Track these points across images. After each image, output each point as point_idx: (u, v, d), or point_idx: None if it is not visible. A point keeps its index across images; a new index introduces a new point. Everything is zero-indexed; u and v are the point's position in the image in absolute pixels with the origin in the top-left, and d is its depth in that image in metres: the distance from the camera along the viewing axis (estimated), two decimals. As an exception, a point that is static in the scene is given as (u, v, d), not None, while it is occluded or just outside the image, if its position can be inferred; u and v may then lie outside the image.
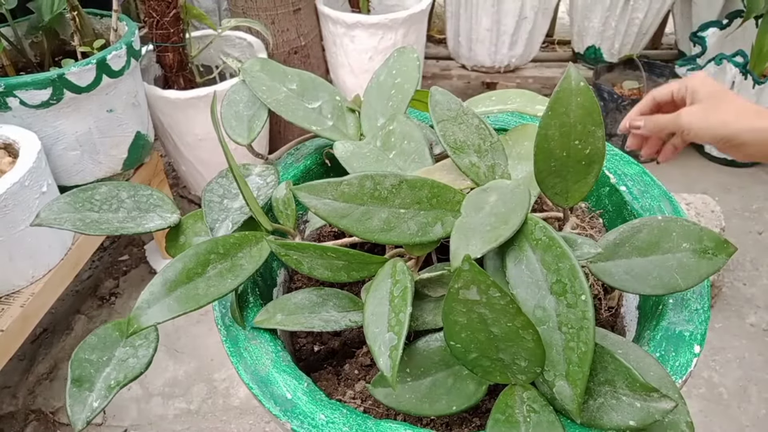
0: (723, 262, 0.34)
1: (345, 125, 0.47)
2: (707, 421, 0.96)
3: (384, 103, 0.46)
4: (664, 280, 0.34)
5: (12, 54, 0.99)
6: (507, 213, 0.34)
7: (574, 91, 0.34)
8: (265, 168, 0.47)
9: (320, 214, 0.34)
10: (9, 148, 0.86)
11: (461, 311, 0.30)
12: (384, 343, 0.31)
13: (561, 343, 0.30)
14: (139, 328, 0.34)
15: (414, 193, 0.35)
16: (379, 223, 0.34)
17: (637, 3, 1.50)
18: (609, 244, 0.36)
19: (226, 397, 1.03)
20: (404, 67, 0.47)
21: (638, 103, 0.51)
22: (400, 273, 0.34)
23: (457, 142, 0.38)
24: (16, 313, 0.82)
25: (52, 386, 1.05)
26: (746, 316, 1.10)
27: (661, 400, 0.29)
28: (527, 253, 0.33)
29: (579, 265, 0.31)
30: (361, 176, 0.34)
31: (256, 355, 0.36)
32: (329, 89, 0.48)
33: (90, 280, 1.26)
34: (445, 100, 0.39)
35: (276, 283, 0.48)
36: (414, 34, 1.44)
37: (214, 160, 1.22)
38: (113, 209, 0.43)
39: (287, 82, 0.47)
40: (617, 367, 0.31)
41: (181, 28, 1.15)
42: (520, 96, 0.46)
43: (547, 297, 0.31)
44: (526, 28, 1.56)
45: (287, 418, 0.32)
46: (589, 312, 0.30)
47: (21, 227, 0.81)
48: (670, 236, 0.34)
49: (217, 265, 0.37)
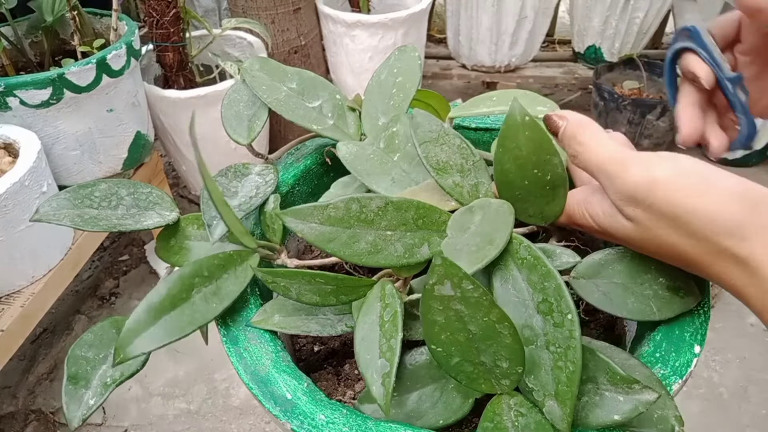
0: (692, 303, 0.34)
1: (346, 124, 0.46)
2: (707, 421, 0.96)
3: (385, 102, 0.46)
4: (641, 307, 0.34)
5: (12, 54, 0.99)
6: (491, 232, 0.34)
7: (521, 125, 0.34)
8: (264, 167, 0.47)
9: (307, 238, 0.34)
10: (9, 147, 0.86)
11: (438, 309, 0.30)
12: (376, 371, 0.31)
13: (550, 363, 0.30)
14: (126, 358, 0.35)
15: (400, 214, 0.35)
16: (366, 245, 0.34)
17: (637, 3, 1.50)
18: (594, 263, 0.36)
19: (226, 397, 1.03)
20: (405, 66, 0.47)
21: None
22: (389, 296, 0.34)
23: (440, 163, 0.38)
24: (16, 313, 0.82)
25: (52, 386, 1.05)
26: (746, 317, 1.10)
27: (644, 392, 0.29)
28: (513, 273, 0.33)
29: (564, 284, 0.31)
30: (348, 199, 0.34)
31: (256, 355, 0.36)
32: (329, 88, 0.48)
33: (90, 280, 1.26)
34: (426, 121, 0.39)
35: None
36: (414, 34, 1.44)
37: (214, 160, 1.22)
38: (112, 206, 0.43)
39: (287, 81, 0.47)
40: (597, 363, 0.31)
41: (181, 28, 1.15)
42: (522, 97, 0.45)
43: (534, 316, 0.31)
44: (527, 27, 1.56)
45: (287, 418, 0.32)
46: (576, 331, 0.30)
47: (21, 227, 0.81)
48: (650, 269, 0.35)
49: (201, 288, 0.37)
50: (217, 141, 1.18)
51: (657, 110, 1.43)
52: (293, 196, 0.50)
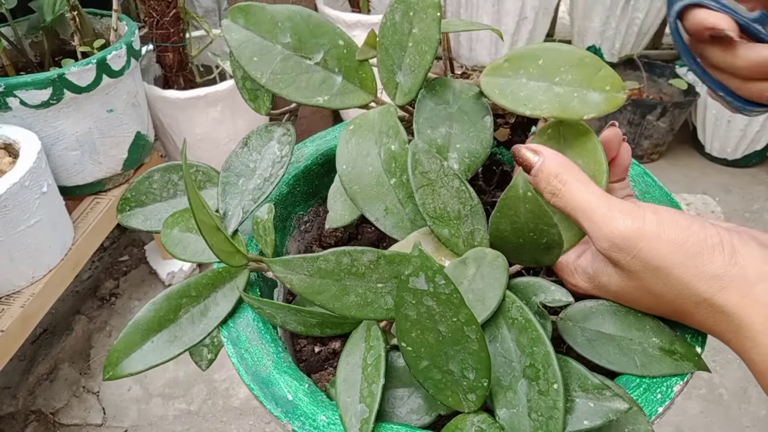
0: (688, 368, 0.33)
1: (358, 77, 0.41)
2: (708, 422, 0.96)
3: (400, 54, 0.40)
4: (623, 360, 0.33)
5: (12, 54, 0.99)
6: (484, 290, 0.33)
7: (522, 198, 0.33)
8: (285, 131, 0.44)
9: (296, 289, 0.33)
10: (9, 148, 0.86)
11: (411, 303, 0.30)
12: (355, 415, 0.31)
13: (530, 430, 0.29)
14: (115, 377, 0.35)
15: (392, 268, 0.34)
16: (356, 298, 0.34)
17: (637, 3, 1.50)
18: (585, 309, 0.35)
19: (227, 397, 1.03)
20: (423, 15, 0.39)
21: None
22: (374, 339, 0.33)
23: (437, 211, 0.36)
24: (17, 314, 0.82)
25: (52, 387, 1.05)
26: (747, 317, 1.09)
27: (614, 399, 0.29)
28: (503, 332, 0.32)
29: (554, 352, 0.30)
30: (339, 252, 0.34)
31: (257, 356, 0.36)
32: (329, 30, 0.41)
33: (90, 281, 1.25)
34: (426, 160, 0.36)
35: (277, 283, 0.48)
36: (414, 34, 1.44)
37: (214, 160, 1.22)
38: (171, 194, 0.44)
39: (280, 35, 0.40)
40: (570, 370, 0.31)
41: (181, 28, 1.15)
42: (575, 68, 0.35)
43: (520, 380, 0.31)
44: (527, 28, 1.56)
45: (288, 419, 0.32)
46: (560, 402, 0.29)
47: (21, 227, 0.81)
48: (644, 327, 0.34)
49: (189, 308, 0.37)
50: (217, 141, 1.18)
51: (657, 110, 1.43)
52: (293, 196, 0.50)
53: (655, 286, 0.31)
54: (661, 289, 0.30)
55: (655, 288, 0.31)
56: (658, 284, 0.30)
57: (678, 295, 0.30)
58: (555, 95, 0.36)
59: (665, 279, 0.30)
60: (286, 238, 0.50)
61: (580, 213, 0.32)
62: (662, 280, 0.30)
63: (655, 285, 0.30)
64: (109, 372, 0.35)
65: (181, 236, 0.41)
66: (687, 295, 0.30)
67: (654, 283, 0.30)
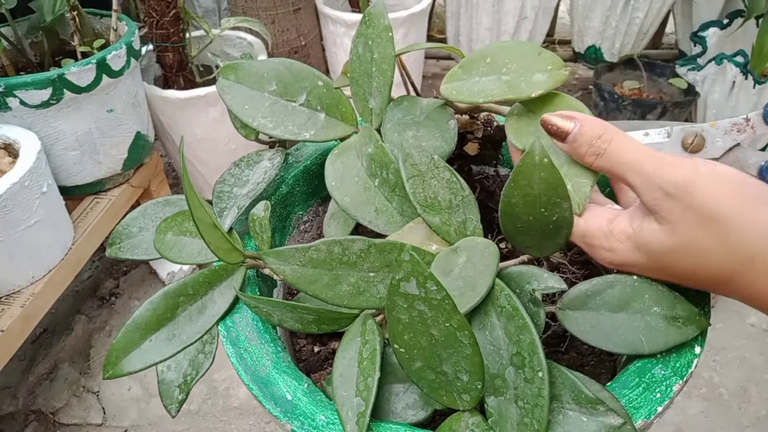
0: (692, 333, 0.32)
1: (339, 112, 0.44)
2: (708, 421, 0.96)
3: (368, 81, 0.43)
4: (628, 340, 0.33)
5: (12, 54, 0.99)
6: (475, 277, 0.33)
7: (537, 165, 0.32)
8: (275, 152, 0.47)
9: (288, 280, 0.34)
10: (9, 148, 0.86)
11: (403, 307, 0.30)
12: (352, 409, 0.31)
13: (516, 417, 0.30)
14: (114, 375, 0.36)
15: (383, 256, 0.34)
16: (349, 287, 0.34)
17: (637, 3, 1.50)
18: (580, 294, 0.35)
19: (226, 397, 1.03)
20: (379, 39, 0.42)
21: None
22: (369, 333, 0.34)
23: (427, 200, 0.37)
24: (17, 314, 0.82)
25: (52, 386, 1.05)
26: (747, 317, 1.09)
27: (608, 415, 0.29)
28: (492, 320, 0.33)
29: (540, 340, 0.31)
30: (330, 242, 0.34)
31: (256, 355, 0.36)
32: (309, 74, 0.44)
33: (90, 281, 1.25)
34: (417, 153, 0.37)
35: (276, 283, 0.48)
36: (414, 34, 1.44)
37: (214, 160, 1.22)
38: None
39: (266, 84, 0.44)
40: (564, 381, 0.31)
41: (181, 28, 1.15)
42: (518, 58, 0.39)
43: (507, 367, 0.31)
44: (527, 27, 1.56)
45: (288, 419, 0.32)
46: (545, 390, 0.29)
47: (21, 227, 0.81)
48: (642, 298, 0.33)
49: (187, 306, 0.37)
50: (217, 141, 1.18)
51: (657, 110, 1.43)
52: (293, 196, 0.50)
53: (706, 240, 0.28)
54: (711, 244, 0.28)
55: (705, 243, 0.28)
56: (709, 238, 0.28)
57: (729, 251, 0.28)
58: (504, 83, 0.39)
59: (719, 230, 0.28)
60: (286, 238, 0.50)
61: (628, 167, 0.31)
62: (715, 232, 0.28)
63: (706, 240, 0.28)
64: (108, 371, 0.36)
65: (176, 240, 0.41)
66: (741, 247, 0.27)
67: (705, 238, 0.28)
